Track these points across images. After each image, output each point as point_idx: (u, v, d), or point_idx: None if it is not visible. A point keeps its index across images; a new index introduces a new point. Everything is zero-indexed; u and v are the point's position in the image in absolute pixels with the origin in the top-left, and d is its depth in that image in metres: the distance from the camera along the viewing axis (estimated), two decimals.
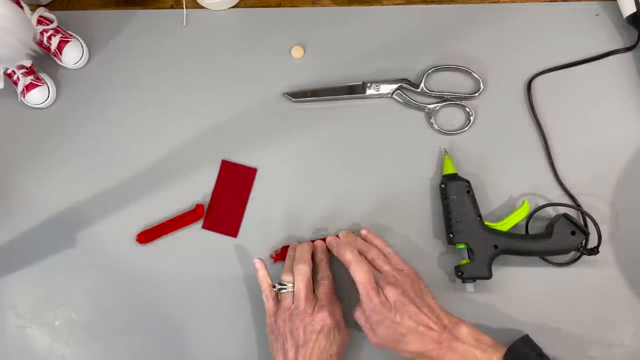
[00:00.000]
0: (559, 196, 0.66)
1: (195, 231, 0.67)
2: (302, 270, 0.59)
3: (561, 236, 0.60)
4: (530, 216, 0.64)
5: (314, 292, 0.60)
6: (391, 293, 0.56)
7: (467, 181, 0.64)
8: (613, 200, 0.66)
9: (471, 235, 0.61)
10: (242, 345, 0.65)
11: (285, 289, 0.59)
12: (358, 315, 0.58)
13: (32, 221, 0.68)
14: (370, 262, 0.60)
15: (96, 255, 0.67)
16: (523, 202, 0.64)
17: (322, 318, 0.57)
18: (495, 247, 0.61)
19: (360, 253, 0.60)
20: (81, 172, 0.69)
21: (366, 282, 0.57)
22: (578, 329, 0.63)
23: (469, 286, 0.62)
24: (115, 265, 0.67)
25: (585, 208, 0.65)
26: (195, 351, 0.64)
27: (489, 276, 0.61)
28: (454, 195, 0.63)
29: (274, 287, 0.61)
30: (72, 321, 0.66)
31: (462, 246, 0.62)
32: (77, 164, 0.70)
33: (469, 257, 0.61)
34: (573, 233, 0.60)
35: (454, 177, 0.64)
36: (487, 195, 0.67)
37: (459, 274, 0.61)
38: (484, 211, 0.65)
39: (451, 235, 0.62)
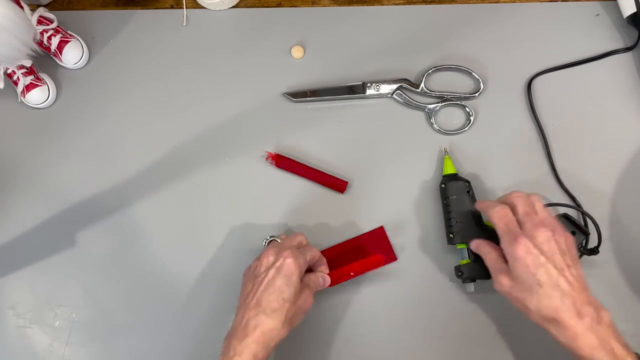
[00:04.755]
0: (559, 196, 0.66)
1: (195, 229, 0.67)
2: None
3: None
4: None
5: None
6: (542, 234, 0.49)
7: (467, 181, 0.64)
8: (613, 200, 0.66)
9: (471, 235, 0.61)
10: None
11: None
12: (492, 258, 0.54)
13: (32, 221, 0.68)
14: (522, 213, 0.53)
15: (96, 255, 0.67)
16: None
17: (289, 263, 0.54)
18: None
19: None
20: (81, 172, 0.69)
21: (503, 216, 0.52)
22: None
23: (469, 286, 0.62)
24: (116, 265, 0.67)
25: (585, 208, 0.65)
26: (196, 351, 0.64)
27: (489, 276, 0.60)
28: (453, 195, 0.63)
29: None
30: (72, 321, 0.66)
31: (462, 246, 0.62)
32: (77, 164, 0.70)
33: (469, 257, 0.61)
34: (573, 233, 0.60)
35: (454, 177, 0.64)
36: (487, 195, 0.67)
37: (459, 274, 0.61)
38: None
39: (451, 235, 0.62)
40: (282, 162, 0.67)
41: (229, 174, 0.69)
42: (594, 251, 0.61)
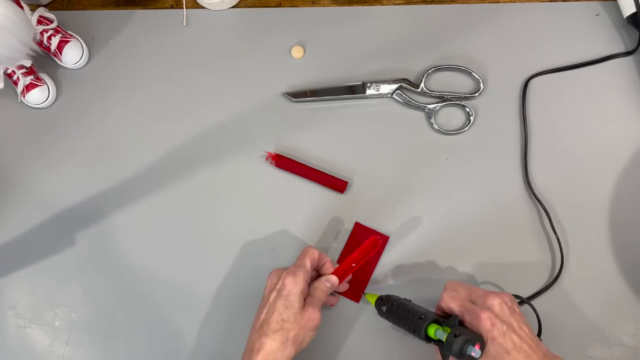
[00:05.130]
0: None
1: (195, 229, 0.67)
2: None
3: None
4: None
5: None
6: (494, 301, 0.52)
7: (388, 295, 0.59)
8: (612, 200, 0.66)
9: (430, 318, 0.54)
10: (244, 345, 0.64)
11: None
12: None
13: (32, 221, 0.68)
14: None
15: (96, 255, 0.67)
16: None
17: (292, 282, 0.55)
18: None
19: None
20: (81, 172, 0.69)
21: (455, 298, 0.53)
22: (578, 328, 0.63)
23: (476, 352, 0.49)
24: (116, 265, 0.67)
25: (581, 209, 0.66)
26: (196, 351, 0.64)
27: (472, 335, 0.51)
28: (394, 310, 0.57)
29: None
30: (72, 321, 0.66)
31: (433, 329, 0.52)
32: (77, 164, 0.70)
33: (449, 328, 0.52)
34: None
35: (381, 300, 0.59)
36: (489, 198, 0.67)
37: (458, 348, 0.50)
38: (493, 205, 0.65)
39: (419, 334, 0.53)
40: (282, 162, 0.67)
41: (229, 174, 0.69)
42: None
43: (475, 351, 0.49)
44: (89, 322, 0.66)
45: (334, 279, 0.59)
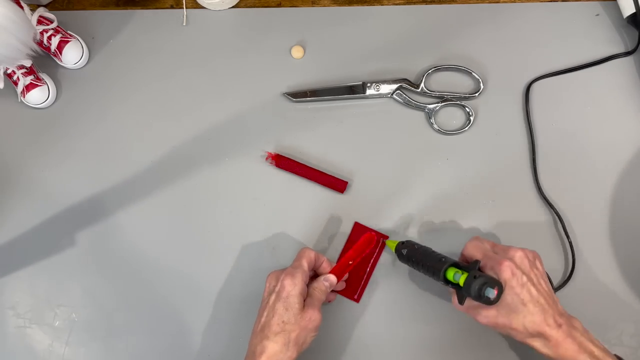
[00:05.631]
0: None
1: (194, 229, 0.67)
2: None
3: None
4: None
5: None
6: (517, 253, 0.53)
7: (407, 240, 0.61)
8: (615, 200, 0.66)
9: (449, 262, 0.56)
10: (244, 346, 0.64)
11: None
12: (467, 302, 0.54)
13: (32, 221, 0.68)
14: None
15: (96, 255, 0.67)
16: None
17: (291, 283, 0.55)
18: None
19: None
20: (81, 172, 0.70)
21: (479, 247, 0.56)
22: None
23: (491, 292, 0.51)
24: (116, 264, 0.67)
25: (585, 210, 0.66)
26: (197, 351, 0.64)
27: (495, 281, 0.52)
28: (415, 253, 0.59)
29: None
30: (72, 321, 0.66)
31: (452, 273, 0.54)
32: (77, 164, 0.70)
33: (467, 271, 0.53)
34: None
35: (402, 244, 0.60)
36: (489, 199, 0.67)
37: (477, 290, 0.51)
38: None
39: (438, 276, 0.55)
40: (282, 162, 0.67)
41: (229, 174, 0.69)
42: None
43: (492, 293, 0.50)
44: (89, 322, 0.66)
45: (333, 277, 0.59)
